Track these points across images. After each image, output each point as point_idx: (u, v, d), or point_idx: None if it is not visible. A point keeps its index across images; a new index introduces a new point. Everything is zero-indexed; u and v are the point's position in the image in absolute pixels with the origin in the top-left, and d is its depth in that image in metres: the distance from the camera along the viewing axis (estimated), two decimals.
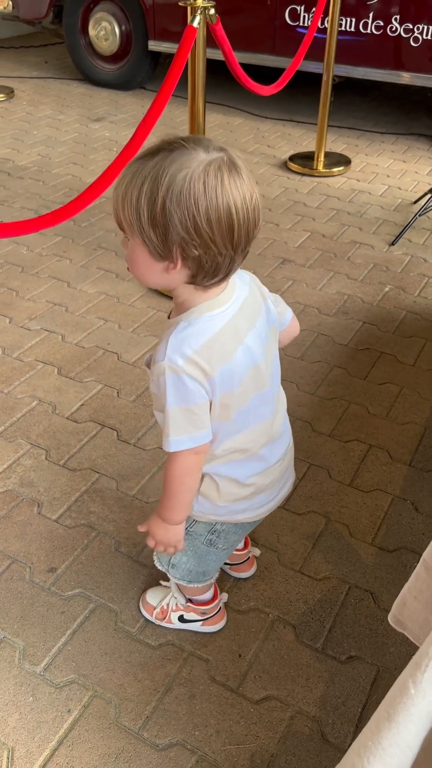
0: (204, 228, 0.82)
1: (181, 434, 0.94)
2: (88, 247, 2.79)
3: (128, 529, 1.55)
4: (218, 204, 0.82)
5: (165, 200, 0.81)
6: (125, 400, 1.95)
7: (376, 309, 2.43)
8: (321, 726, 1.20)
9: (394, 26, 3.75)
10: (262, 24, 4.10)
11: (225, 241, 0.85)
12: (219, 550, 1.18)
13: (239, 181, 0.84)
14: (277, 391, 1.09)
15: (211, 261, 0.86)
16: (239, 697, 1.24)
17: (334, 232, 2.97)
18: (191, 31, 1.97)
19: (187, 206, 0.81)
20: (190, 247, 0.84)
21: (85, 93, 4.84)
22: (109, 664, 1.29)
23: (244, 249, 0.89)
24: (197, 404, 0.93)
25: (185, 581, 1.23)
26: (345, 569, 1.48)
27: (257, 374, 1.00)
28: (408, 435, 1.86)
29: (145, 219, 0.84)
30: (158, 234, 0.84)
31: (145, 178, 0.83)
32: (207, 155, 0.83)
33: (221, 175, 0.82)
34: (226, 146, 0.87)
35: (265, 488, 1.11)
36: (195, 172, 0.81)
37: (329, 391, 2.01)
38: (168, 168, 0.82)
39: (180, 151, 0.83)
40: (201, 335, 0.91)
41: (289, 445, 1.16)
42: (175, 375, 0.90)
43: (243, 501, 1.10)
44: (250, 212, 0.86)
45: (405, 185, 3.47)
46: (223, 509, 1.09)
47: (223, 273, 0.89)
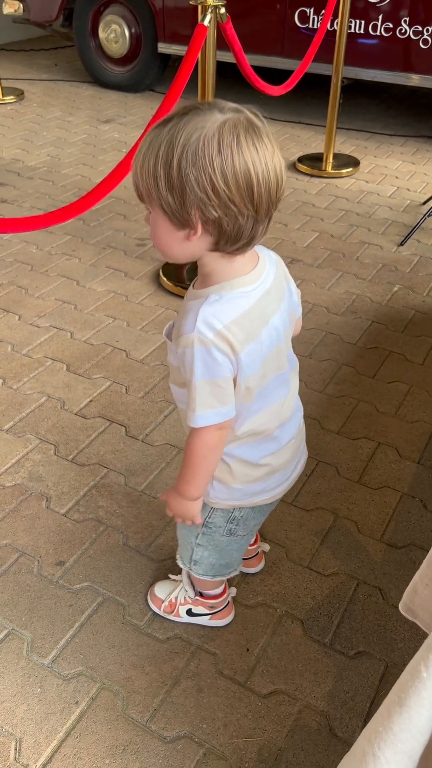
0: (221, 187, 0.80)
1: (207, 409, 0.92)
2: (98, 246, 2.80)
3: (136, 524, 1.55)
4: (234, 162, 0.80)
5: (180, 161, 0.80)
6: (134, 397, 1.95)
7: (385, 308, 2.42)
8: (329, 720, 1.20)
9: (404, 28, 3.75)
10: (272, 26, 4.11)
11: (245, 201, 0.82)
12: (240, 538, 1.18)
13: (257, 141, 0.82)
14: (292, 370, 1.07)
15: (232, 223, 0.84)
16: (247, 690, 1.24)
17: (342, 233, 2.97)
18: (202, 29, 1.98)
19: (203, 165, 0.79)
20: (208, 208, 0.82)
21: (95, 95, 4.86)
22: (117, 657, 1.28)
23: (267, 211, 0.86)
24: (224, 378, 0.91)
25: (209, 576, 1.22)
26: (353, 565, 1.47)
27: (278, 355, 0.99)
28: (417, 433, 1.85)
29: (163, 184, 0.82)
30: (176, 197, 0.82)
31: (161, 143, 0.82)
32: (222, 115, 0.81)
33: (236, 133, 0.80)
34: (243, 107, 0.85)
35: (279, 468, 1.10)
36: (209, 132, 0.80)
37: (338, 389, 2.01)
38: (182, 130, 0.80)
39: (194, 113, 0.82)
40: (231, 311, 0.90)
41: (300, 424, 1.14)
42: (204, 348, 0.88)
43: (258, 482, 1.08)
44: (271, 172, 0.83)
45: (414, 186, 3.46)
46: (239, 492, 1.08)
47: (247, 237, 0.87)
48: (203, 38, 1.99)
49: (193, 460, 1.00)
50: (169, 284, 2.49)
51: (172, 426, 1.84)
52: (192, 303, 0.92)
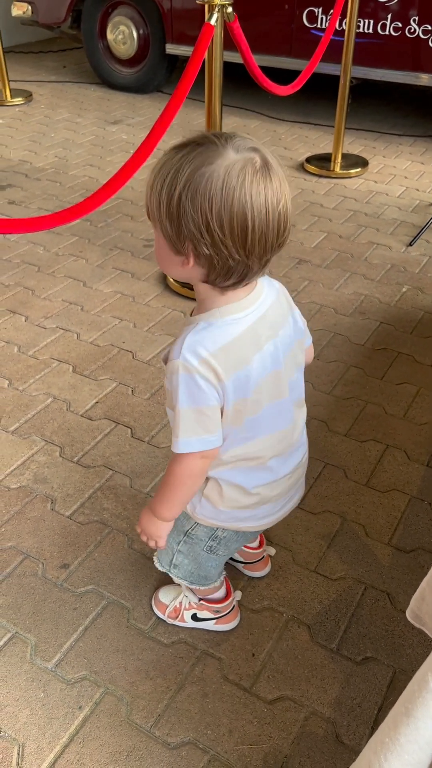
0: (215, 229, 0.80)
1: (190, 436, 0.92)
2: (104, 247, 2.79)
3: None
4: (232, 206, 0.79)
5: (181, 195, 0.80)
6: (139, 398, 1.94)
7: (394, 309, 2.40)
8: (336, 727, 1.18)
9: (413, 27, 3.72)
10: (280, 26, 4.10)
11: (237, 246, 0.82)
12: (218, 557, 1.18)
13: (265, 185, 0.81)
14: (297, 402, 1.06)
15: (222, 263, 0.84)
16: (252, 696, 1.22)
17: (351, 233, 2.94)
18: (209, 29, 1.97)
19: (201, 204, 0.80)
20: (201, 245, 0.82)
21: (103, 96, 4.86)
22: (121, 662, 1.27)
23: (262, 257, 0.86)
24: (209, 406, 0.91)
25: (187, 582, 1.22)
26: (361, 569, 1.45)
27: (276, 382, 0.98)
28: (426, 435, 1.83)
29: (164, 210, 0.83)
30: (173, 226, 0.83)
31: (170, 169, 0.82)
32: (236, 155, 0.80)
33: (243, 175, 0.79)
34: (261, 147, 0.83)
35: (270, 500, 1.09)
36: (216, 171, 0.79)
37: (345, 390, 1.99)
38: (191, 162, 0.80)
39: (208, 147, 0.81)
40: (219, 338, 0.90)
41: (302, 459, 1.13)
42: (188, 375, 0.89)
43: (246, 509, 1.07)
44: (271, 219, 0.82)
45: (423, 187, 3.44)
46: (225, 515, 1.08)
47: (237, 278, 0.87)
48: (210, 38, 1.98)
49: (172, 484, 0.99)
50: (176, 285, 2.48)
51: None
52: (184, 329, 0.92)
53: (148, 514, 1.06)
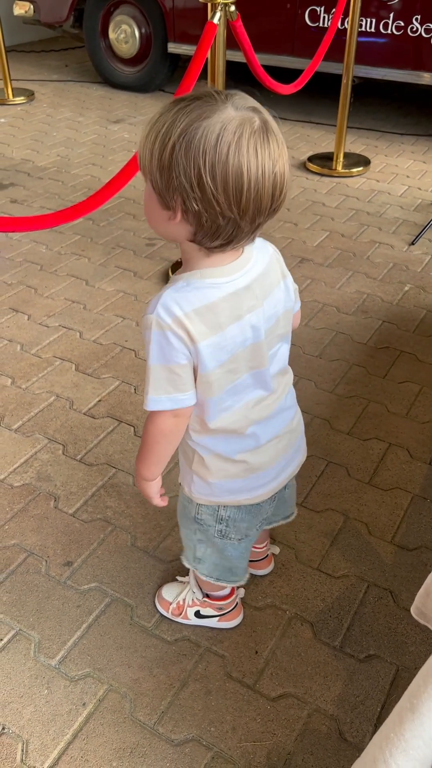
0: (208, 182, 0.78)
1: (160, 393, 0.91)
2: (107, 246, 2.79)
3: (145, 524, 1.54)
4: (228, 161, 0.78)
5: (174, 145, 0.78)
6: (142, 397, 1.93)
7: (396, 308, 2.40)
8: (339, 724, 1.18)
9: (415, 26, 3.72)
10: (282, 25, 4.09)
11: (230, 203, 0.80)
12: (234, 542, 1.16)
13: (262, 145, 0.79)
14: (279, 371, 1.04)
15: (211, 221, 0.82)
16: (256, 693, 1.22)
17: (353, 232, 2.94)
18: (212, 27, 1.97)
19: (194, 156, 0.78)
20: (190, 200, 0.80)
21: (105, 95, 4.86)
22: (125, 659, 1.27)
23: (254, 218, 0.83)
24: (179, 365, 0.90)
25: (213, 578, 1.20)
26: (364, 567, 1.46)
27: (255, 353, 0.96)
28: (428, 434, 1.83)
29: (155, 161, 0.81)
30: (163, 178, 0.81)
31: (167, 120, 0.80)
32: (235, 112, 0.79)
33: (240, 132, 0.78)
34: (262, 108, 0.82)
35: (259, 467, 1.07)
36: (213, 125, 0.78)
37: (348, 389, 1.99)
38: (188, 115, 0.78)
39: (206, 101, 0.80)
40: (195, 300, 0.88)
41: (289, 425, 1.10)
42: (160, 331, 0.88)
43: (236, 479, 1.06)
44: (267, 180, 0.80)
45: (425, 186, 3.44)
46: (217, 488, 1.06)
47: (225, 239, 0.85)
48: (213, 36, 1.98)
49: (147, 443, 1.00)
50: None
51: None
52: (165, 287, 0.91)
53: (136, 475, 1.07)
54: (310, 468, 1.69)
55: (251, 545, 1.22)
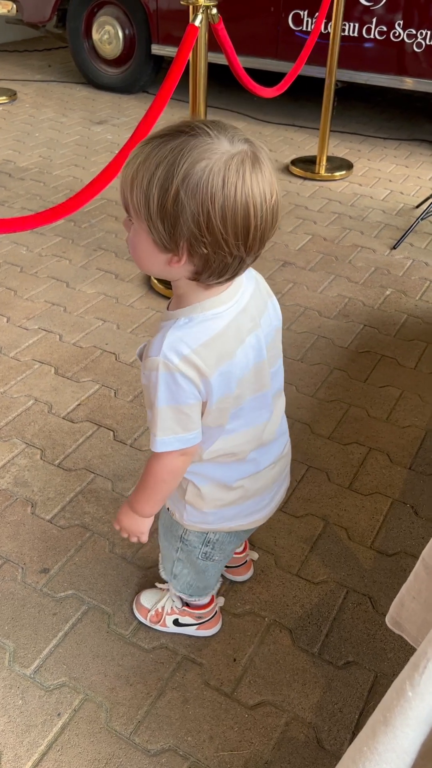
0: (218, 226, 0.76)
1: (169, 434, 0.90)
2: (88, 248, 2.77)
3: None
4: (236, 202, 0.76)
5: (179, 190, 0.75)
6: (122, 401, 1.92)
7: (377, 312, 2.41)
8: (317, 732, 1.17)
9: (398, 32, 3.74)
10: (266, 28, 4.10)
11: (238, 242, 0.79)
12: (216, 563, 1.16)
13: (261, 178, 0.78)
14: (277, 392, 1.04)
15: (219, 261, 0.80)
16: (233, 702, 1.21)
17: (335, 236, 2.95)
18: (193, 30, 1.96)
19: (203, 200, 0.75)
20: (199, 244, 0.78)
21: (88, 96, 4.84)
22: (101, 667, 1.26)
23: (257, 251, 0.83)
24: (188, 405, 0.89)
25: (186, 594, 1.21)
26: (343, 573, 1.45)
27: (258, 375, 0.96)
28: (408, 438, 1.83)
29: (155, 207, 0.77)
30: (166, 225, 0.77)
31: (160, 162, 0.75)
32: (231, 147, 0.76)
33: (243, 170, 0.76)
34: (251, 138, 0.81)
35: (255, 493, 1.07)
36: (216, 165, 0.75)
37: (329, 393, 1.99)
38: (187, 155, 0.74)
39: (202, 139, 0.75)
40: (201, 334, 0.87)
41: (283, 450, 1.11)
42: (168, 373, 0.86)
43: (231, 506, 1.06)
44: (269, 212, 0.80)
45: (407, 190, 3.45)
46: (212, 516, 1.06)
47: (231, 274, 0.84)
48: (194, 38, 1.97)
49: (152, 482, 0.98)
50: (159, 287, 2.47)
51: None
52: (162, 324, 0.89)
53: (128, 511, 1.04)
54: (290, 473, 1.68)
55: (227, 561, 1.22)
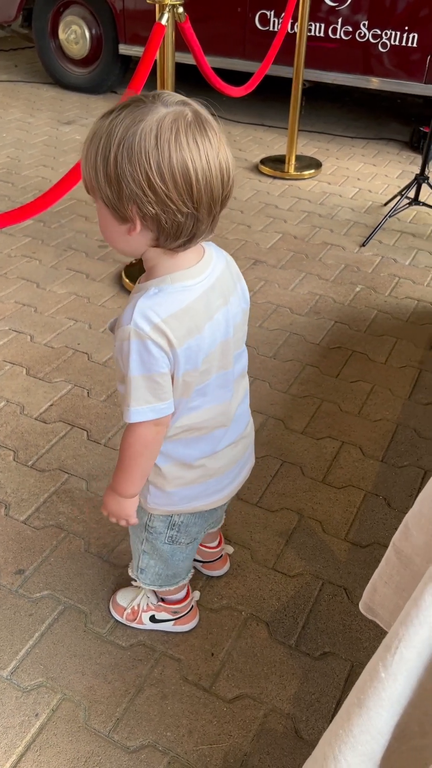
0: (158, 183, 0.78)
1: (142, 404, 0.90)
2: (58, 248, 2.76)
3: (98, 530, 1.52)
4: (171, 158, 0.78)
5: (116, 156, 0.79)
6: (95, 400, 1.92)
7: (348, 309, 2.43)
8: (295, 723, 1.18)
9: (363, 32, 3.79)
10: (233, 28, 4.11)
11: (183, 198, 0.80)
12: (183, 546, 1.16)
13: (199, 136, 0.80)
14: (240, 374, 1.05)
15: (170, 220, 0.82)
16: (212, 696, 1.22)
17: (305, 234, 2.97)
18: (160, 28, 1.96)
19: (138, 161, 0.78)
20: (145, 204, 0.80)
21: (56, 96, 4.81)
22: (79, 666, 1.25)
23: (210, 209, 0.83)
24: (160, 373, 0.89)
25: (156, 586, 1.21)
26: (318, 565, 1.47)
27: (223, 353, 0.97)
28: (380, 432, 1.86)
29: (102, 176, 0.81)
30: (113, 192, 0.81)
31: (102, 134, 0.80)
32: (165, 109, 0.79)
33: (176, 127, 0.78)
34: (191, 101, 0.83)
35: (216, 472, 1.07)
36: (147, 126, 0.78)
37: (302, 389, 2.01)
38: (122, 123, 0.79)
39: (136, 105, 0.80)
40: (172, 304, 0.88)
41: (244, 431, 1.12)
42: (140, 341, 0.86)
43: (193, 485, 1.06)
44: (213, 168, 0.81)
45: (375, 188, 3.50)
46: (176, 496, 1.06)
47: (187, 235, 0.85)
48: (161, 37, 1.98)
49: (129, 456, 0.97)
50: (131, 286, 2.46)
51: None
52: (133, 296, 0.90)
53: (112, 494, 1.04)
54: (265, 468, 1.70)
55: (197, 546, 1.22)
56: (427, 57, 3.71)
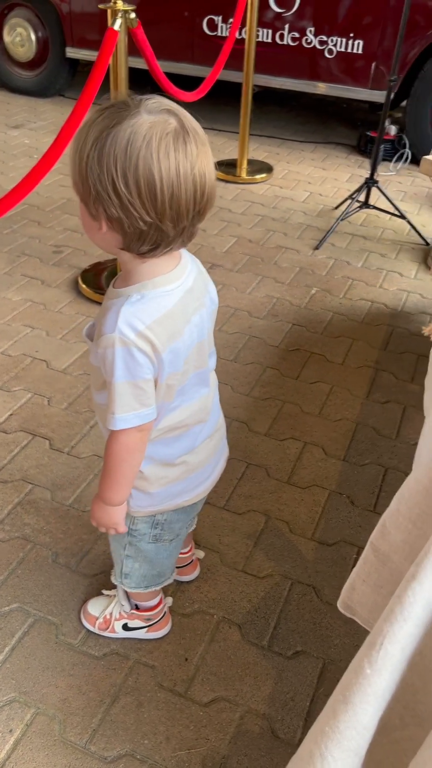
0: (121, 189, 0.78)
1: (128, 411, 0.91)
2: (11, 254, 2.71)
3: (66, 540, 1.50)
4: (138, 165, 0.78)
5: (88, 155, 0.80)
6: (57, 408, 1.89)
7: (304, 311, 2.47)
8: (271, 723, 1.20)
9: (309, 38, 3.85)
10: (181, 33, 4.12)
11: (146, 207, 0.80)
12: (167, 544, 1.16)
13: (176, 147, 0.79)
14: (212, 368, 1.08)
15: (133, 227, 0.82)
16: (188, 701, 1.22)
17: (260, 237, 3.00)
18: (112, 34, 1.96)
19: (106, 163, 0.78)
20: (109, 206, 0.80)
21: (2, 100, 4.72)
22: (52, 679, 1.24)
23: (176, 222, 0.82)
24: (145, 379, 0.90)
25: (142, 588, 1.20)
26: (287, 566, 1.49)
27: (199, 353, 0.99)
28: (341, 431, 1.89)
29: (75, 172, 0.83)
30: (84, 189, 0.82)
31: (82, 132, 0.82)
32: (147, 116, 0.79)
33: (150, 135, 0.78)
34: (180, 110, 0.82)
35: (197, 466, 1.09)
36: (122, 130, 0.78)
37: (263, 391, 2.03)
38: (100, 123, 0.80)
39: (119, 108, 0.80)
40: (154, 310, 0.88)
41: (217, 423, 1.14)
42: (125, 348, 0.87)
43: (177, 482, 1.07)
44: (183, 182, 0.80)
45: (326, 192, 3.56)
46: (160, 496, 1.07)
47: (151, 243, 0.84)
48: (114, 43, 1.97)
49: (114, 464, 0.98)
50: (88, 291, 2.44)
51: (99, 436, 1.80)
52: (113, 302, 0.90)
53: (99, 503, 1.03)
54: (230, 470, 1.71)
55: (181, 543, 1.22)
56: (371, 64, 3.80)
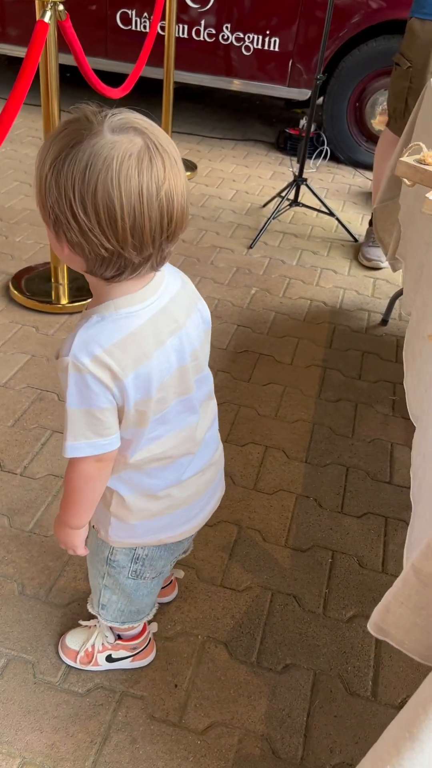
0: (79, 215, 0.73)
1: (80, 439, 0.84)
2: None
3: (31, 569, 1.41)
4: (96, 191, 0.71)
5: (47, 176, 0.74)
6: (2, 426, 1.78)
7: (247, 312, 2.45)
8: (271, 744, 1.16)
9: (226, 35, 3.83)
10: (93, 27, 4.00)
11: (106, 235, 0.74)
12: (148, 581, 1.10)
13: (139, 169, 0.72)
14: (206, 396, 1.01)
15: (94, 253, 0.76)
16: (183, 730, 1.17)
17: (193, 237, 2.96)
18: (43, 26, 1.85)
19: (64, 187, 0.72)
20: (69, 231, 0.75)
21: None
22: (35, 724, 1.15)
23: (141, 249, 0.76)
24: (101, 409, 0.83)
25: (118, 623, 1.14)
26: (265, 576, 1.46)
27: (182, 379, 0.91)
28: (299, 432, 1.89)
29: (36, 193, 0.78)
30: (44, 212, 0.77)
31: (45, 152, 0.75)
32: (111, 135, 0.72)
33: (111, 158, 0.71)
34: (149, 127, 0.75)
35: (183, 503, 1.02)
36: (82, 151, 0.72)
37: (218, 396, 1.97)
38: (59, 143, 0.73)
39: (80, 125, 0.73)
40: (114, 332, 0.82)
41: (212, 457, 1.08)
42: (78, 374, 0.80)
43: (159, 517, 1.01)
44: (147, 207, 0.73)
45: (251, 189, 3.56)
46: (140, 529, 1.00)
47: (115, 270, 0.78)
48: (45, 36, 1.86)
49: (71, 490, 0.93)
50: (21, 298, 2.31)
51: (53, 454, 1.70)
52: (78, 324, 0.84)
53: (59, 523, 0.98)
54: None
55: (162, 580, 1.16)
56: (289, 61, 3.82)
